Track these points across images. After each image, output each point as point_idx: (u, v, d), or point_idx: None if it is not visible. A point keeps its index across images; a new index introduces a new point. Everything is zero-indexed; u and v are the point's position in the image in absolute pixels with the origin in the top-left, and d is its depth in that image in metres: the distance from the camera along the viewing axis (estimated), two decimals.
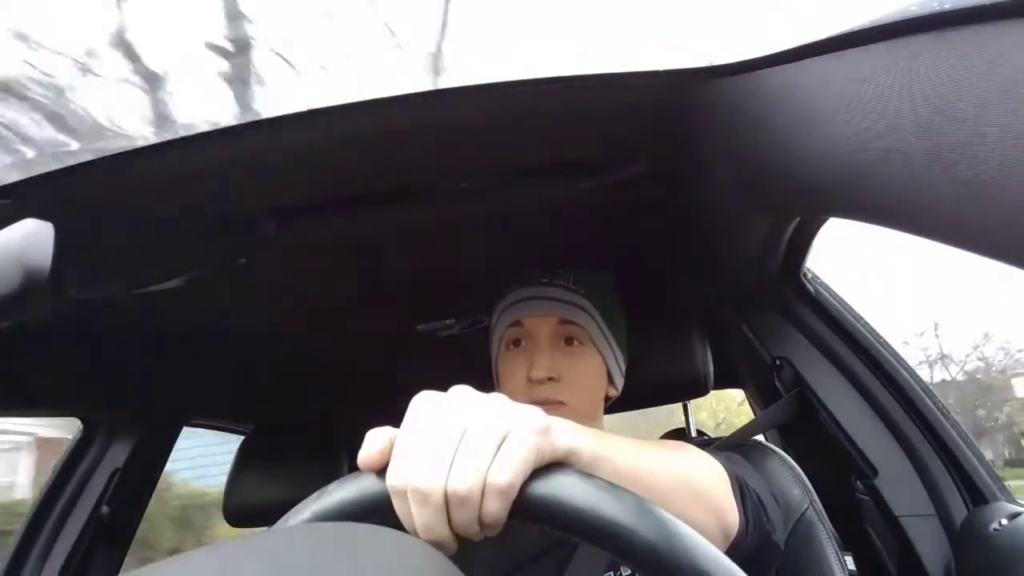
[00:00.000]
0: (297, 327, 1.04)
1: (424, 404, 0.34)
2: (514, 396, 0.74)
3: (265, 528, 0.40)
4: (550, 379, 0.72)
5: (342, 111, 0.47)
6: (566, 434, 0.34)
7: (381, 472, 0.33)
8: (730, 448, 0.78)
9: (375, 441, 0.33)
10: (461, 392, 0.35)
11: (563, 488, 0.31)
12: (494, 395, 0.35)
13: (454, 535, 0.32)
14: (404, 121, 0.53)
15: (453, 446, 0.31)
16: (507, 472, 0.30)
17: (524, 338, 0.76)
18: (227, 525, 1.13)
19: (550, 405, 0.71)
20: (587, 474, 0.32)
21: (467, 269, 0.91)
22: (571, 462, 0.34)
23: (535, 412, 0.33)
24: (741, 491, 0.55)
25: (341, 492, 0.33)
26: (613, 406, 0.91)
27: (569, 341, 0.75)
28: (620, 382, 0.82)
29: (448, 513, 0.31)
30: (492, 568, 0.65)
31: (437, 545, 0.32)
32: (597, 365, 0.77)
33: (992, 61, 0.27)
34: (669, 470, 0.46)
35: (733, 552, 0.51)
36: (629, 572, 0.62)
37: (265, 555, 0.23)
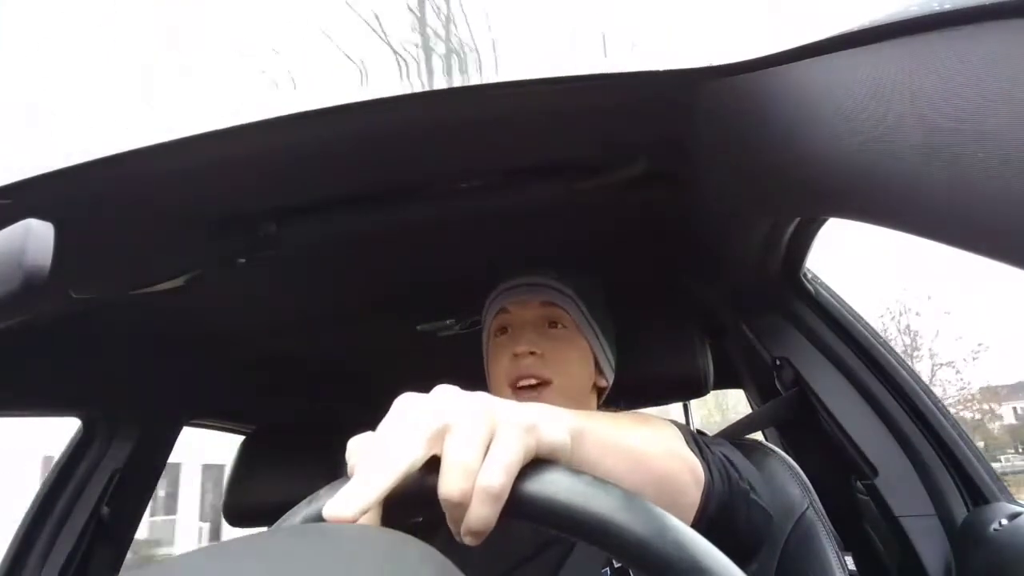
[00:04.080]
0: (297, 327, 1.04)
1: (406, 401, 0.34)
2: (501, 376, 0.76)
3: (264, 528, 0.40)
4: (532, 353, 0.74)
5: (342, 111, 0.47)
6: (551, 429, 0.34)
7: None
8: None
9: (358, 446, 0.33)
10: (443, 391, 0.34)
11: (552, 485, 0.31)
12: (478, 393, 0.34)
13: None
14: (404, 121, 0.53)
15: (438, 445, 0.31)
16: (498, 475, 0.30)
17: (510, 324, 0.79)
18: None
19: (535, 384, 0.73)
20: (575, 470, 0.32)
21: (467, 269, 0.91)
22: (558, 456, 0.33)
23: (520, 408, 0.33)
24: (696, 444, 0.58)
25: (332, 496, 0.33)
26: (612, 406, 0.90)
27: (553, 324, 0.78)
28: (610, 374, 0.83)
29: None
30: (489, 567, 0.65)
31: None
32: (582, 349, 0.78)
33: (992, 61, 0.27)
34: (644, 435, 0.49)
35: (707, 499, 0.52)
36: (620, 566, 0.62)
37: (264, 555, 0.23)
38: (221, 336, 1.01)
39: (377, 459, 0.30)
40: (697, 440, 0.59)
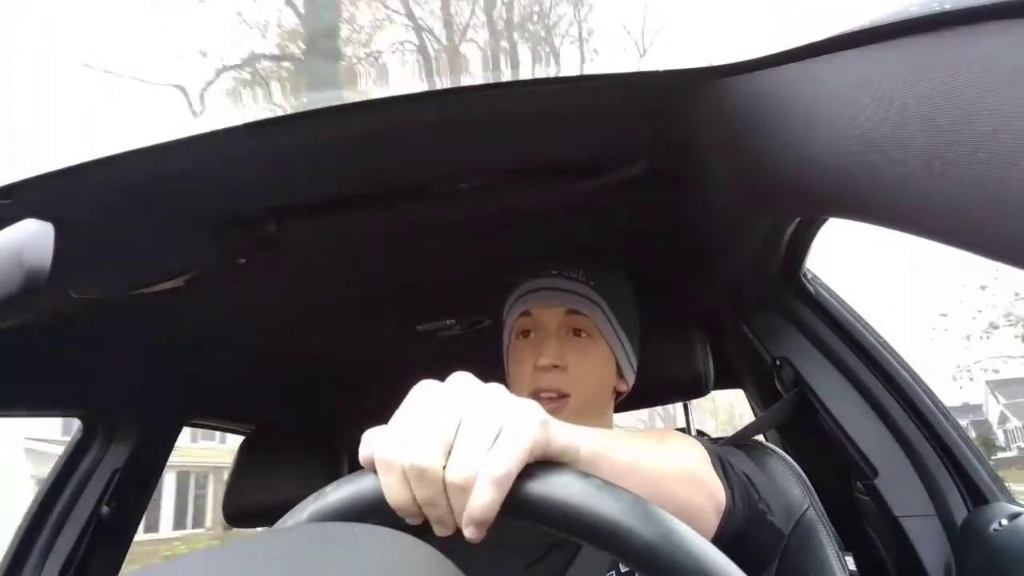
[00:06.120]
0: (297, 327, 1.04)
1: (423, 389, 0.34)
2: (521, 385, 0.75)
3: (265, 528, 0.40)
4: (556, 367, 0.73)
5: (341, 111, 0.48)
6: (563, 430, 0.34)
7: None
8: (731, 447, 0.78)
9: (373, 437, 0.33)
10: (460, 379, 0.35)
11: (558, 486, 0.31)
12: (493, 384, 0.35)
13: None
14: (404, 121, 0.53)
15: (451, 430, 0.31)
16: (503, 462, 0.30)
17: (533, 328, 0.77)
18: None
19: (555, 396, 0.72)
20: (583, 472, 0.32)
21: (467, 269, 0.91)
22: (568, 460, 0.33)
23: (533, 405, 0.33)
24: (723, 468, 0.57)
25: (340, 492, 0.33)
26: (616, 406, 0.90)
27: (577, 332, 0.76)
28: (631, 377, 0.81)
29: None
30: (492, 570, 0.65)
31: (436, 523, 0.32)
32: (605, 357, 0.77)
33: (992, 61, 0.27)
34: (663, 459, 0.48)
35: (726, 525, 0.52)
36: (627, 570, 0.62)
37: (267, 555, 0.23)
38: (221, 336, 1.01)
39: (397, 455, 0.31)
40: (723, 461, 0.58)
